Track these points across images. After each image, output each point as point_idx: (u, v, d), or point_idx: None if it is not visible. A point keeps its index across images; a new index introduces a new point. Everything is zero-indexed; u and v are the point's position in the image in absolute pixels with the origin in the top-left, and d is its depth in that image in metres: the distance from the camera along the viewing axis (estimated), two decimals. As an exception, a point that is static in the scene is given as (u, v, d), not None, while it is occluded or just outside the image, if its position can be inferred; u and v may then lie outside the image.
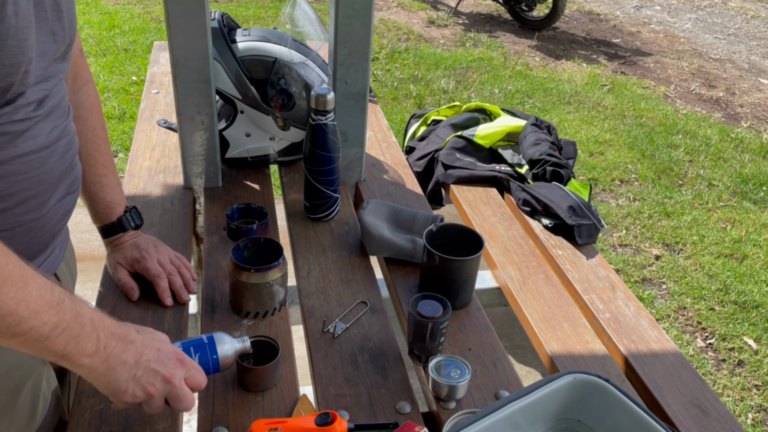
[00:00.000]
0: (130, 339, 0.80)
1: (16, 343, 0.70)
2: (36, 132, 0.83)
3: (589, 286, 1.43)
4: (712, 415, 1.11)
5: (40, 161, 0.84)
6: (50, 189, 0.88)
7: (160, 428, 0.91)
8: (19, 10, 0.73)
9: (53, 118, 0.87)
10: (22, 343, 0.70)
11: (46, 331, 0.71)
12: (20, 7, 0.73)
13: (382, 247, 1.28)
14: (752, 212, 3.27)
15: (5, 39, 0.72)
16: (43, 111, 0.84)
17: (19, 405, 0.90)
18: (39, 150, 0.84)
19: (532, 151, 1.83)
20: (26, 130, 0.81)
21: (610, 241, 2.98)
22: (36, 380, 0.93)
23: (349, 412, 0.96)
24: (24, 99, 0.80)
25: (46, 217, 0.88)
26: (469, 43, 5.45)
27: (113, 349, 0.78)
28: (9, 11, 0.71)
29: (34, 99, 0.82)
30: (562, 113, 4.22)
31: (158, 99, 1.93)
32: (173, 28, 1.27)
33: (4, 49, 0.72)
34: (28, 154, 0.82)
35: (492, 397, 1.03)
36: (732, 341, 2.44)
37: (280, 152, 1.55)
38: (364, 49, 1.41)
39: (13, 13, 0.72)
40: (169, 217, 1.38)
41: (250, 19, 5.44)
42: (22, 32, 0.74)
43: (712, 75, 5.19)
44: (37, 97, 0.82)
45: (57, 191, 0.90)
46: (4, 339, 0.70)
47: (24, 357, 0.88)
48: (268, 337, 1.01)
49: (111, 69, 4.26)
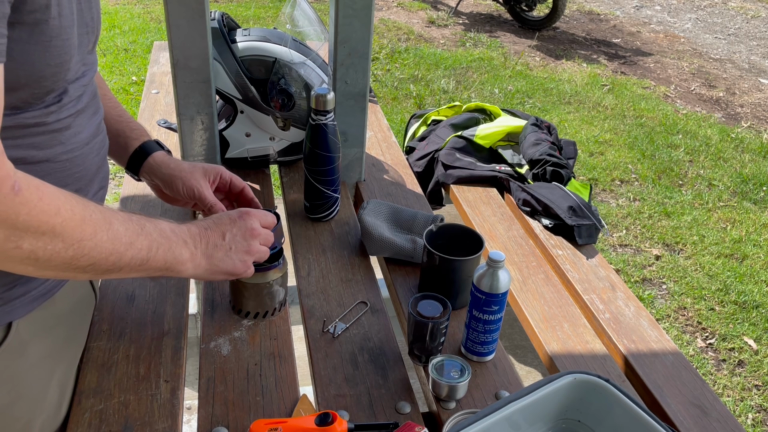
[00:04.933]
0: (205, 227, 0.91)
1: (124, 273, 0.80)
2: (78, 129, 0.86)
3: (589, 286, 1.43)
4: (712, 415, 1.11)
5: (82, 157, 0.87)
6: (89, 184, 0.91)
7: (160, 428, 0.91)
8: (63, 11, 0.74)
9: (89, 114, 0.89)
10: (129, 271, 0.80)
11: (144, 255, 0.80)
12: (63, 7, 0.74)
13: (382, 247, 1.28)
14: (752, 212, 3.27)
15: (49, 40, 0.73)
16: (82, 106, 0.86)
17: (49, 395, 0.92)
18: (81, 146, 0.87)
19: (532, 151, 1.83)
20: (70, 127, 0.84)
21: (610, 241, 2.98)
22: (64, 372, 0.95)
23: (349, 412, 0.96)
24: (68, 96, 0.82)
25: None
26: (469, 43, 5.45)
27: (200, 242, 0.88)
28: (53, 12, 0.72)
29: (75, 95, 0.84)
30: (562, 113, 4.22)
31: (158, 99, 1.93)
32: (173, 28, 1.27)
33: (50, 50, 0.74)
34: (73, 150, 0.85)
35: (492, 397, 1.03)
36: (732, 341, 2.44)
37: (280, 152, 1.55)
38: (364, 49, 1.41)
39: (57, 14, 0.73)
40: (169, 217, 1.37)
41: (250, 19, 5.44)
42: (65, 32, 0.75)
43: (712, 75, 5.19)
44: (77, 93, 0.85)
45: (93, 186, 0.92)
46: (115, 273, 0.79)
47: (55, 347, 0.93)
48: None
49: (111, 69, 4.26)
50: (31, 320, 0.88)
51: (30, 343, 0.88)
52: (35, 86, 0.76)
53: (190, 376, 1.34)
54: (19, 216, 0.67)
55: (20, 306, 0.85)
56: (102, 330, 1.07)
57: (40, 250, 0.70)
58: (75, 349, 1.00)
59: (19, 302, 0.85)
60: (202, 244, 0.89)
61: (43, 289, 0.88)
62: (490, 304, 1.02)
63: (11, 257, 0.69)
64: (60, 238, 0.71)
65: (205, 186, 1.10)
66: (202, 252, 0.89)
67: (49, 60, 0.75)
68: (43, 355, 0.91)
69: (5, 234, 0.66)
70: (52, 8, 0.72)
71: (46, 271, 0.74)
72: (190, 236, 0.88)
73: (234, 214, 0.95)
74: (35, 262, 0.71)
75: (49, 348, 0.92)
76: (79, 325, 1.03)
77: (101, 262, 0.76)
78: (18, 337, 0.86)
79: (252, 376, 1.01)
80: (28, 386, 0.89)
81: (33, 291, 0.87)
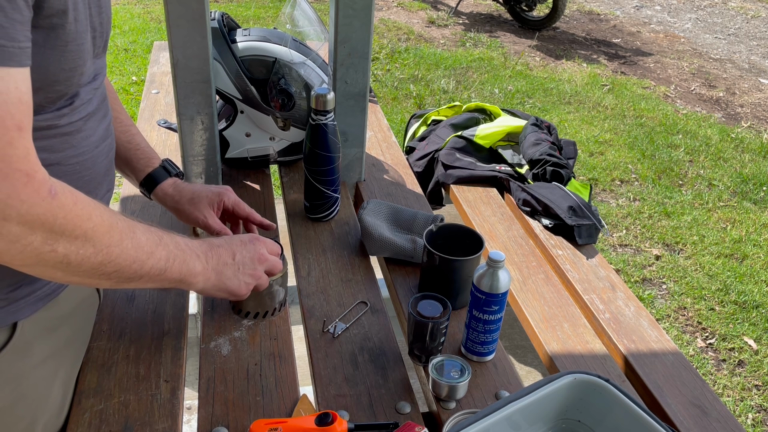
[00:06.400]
0: (216, 244, 0.94)
1: (143, 282, 0.82)
2: (89, 132, 0.87)
3: (589, 286, 1.43)
4: (712, 415, 1.11)
5: (92, 160, 0.88)
6: (98, 187, 0.92)
7: (160, 428, 0.91)
8: (78, 16, 0.75)
9: (99, 117, 0.90)
10: (147, 281, 0.82)
11: (162, 265, 0.83)
12: (79, 12, 0.75)
13: (382, 247, 1.28)
14: (752, 212, 3.27)
15: (65, 45, 0.74)
16: (92, 109, 0.87)
17: (52, 395, 0.92)
18: (92, 149, 0.88)
19: (533, 151, 1.83)
20: (81, 130, 0.85)
21: (610, 241, 2.98)
22: (68, 372, 0.96)
23: (349, 412, 0.96)
24: (79, 99, 0.83)
25: None
26: (469, 43, 5.45)
27: (212, 258, 0.92)
28: (70, 18, 0.73)
29: (86, 98, 0.85)
30: (562, 113, 4.22)
31: (158, 99, 1.93)
32: (173, 28, 1.27)
33: (65, 54, 0.75)
34: (84, 153, 0.86)
35: (492, 397, 1.03)
36: (732, 341, 2.44)
37: (280, 152, 1.55)
38: (364, 49, 1.41)
39: (73, 20, 0.74)
40: (169, 217, 1.37)
41: (250, 19, 5.44)
42: (80, 36, 0.76)
43: (712, 75, 5.19)
44: (88, 96, 0.86)
45: (101, 188, 0.93)
46: (135, 282, 0.81)
47: (59, 348, 0.93)
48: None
49: (111, 69, 4.26)
50: (35, 321, 0.88)
51: (34, 344, 0.89)
52: (49, 90, 0.76)
53: (190, 376, 1.34)
54: (56, 219, 0.68)
55: (25, 306, 0.85)
56: (102, 330, 1.07)
57: (73, 254, 0.72)
58: (78, 349, 1.01)
59: (24, 302, 0.85)
60: (213, 260, 0.92)
61: (48, 289, 0.89)
62: (490, 304, 1.02)
63: (45, 261, 0.70)
64: (91, 242, 0.73)
65: (209, 215, 1.15)
66: (212, 267, 0.92)
67: (63, 64, 0.75)
68: (47, 356, 0.91)
69: (43, 237, 0.68)
70: (69, 13, 0.72)
71: (74, 277, 0.75)
72: (202, 251, 0.91)
73: (245, 237, 0.99)
74: (67, 267, 0.72)
75: (53, 348, 0.92)
76: (83, 325, 1.03)
77: (125, 269, 0.78)
78: (23, 338, 0.86)
79: (252, 376, 1.01)
80: (32, 386, 0.89)
81: (38, 291, 0.87)
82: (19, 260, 0.69)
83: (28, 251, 0.68)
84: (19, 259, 0.69)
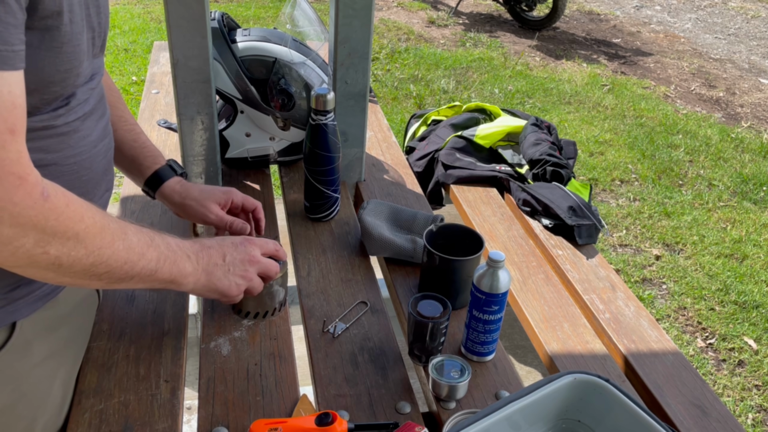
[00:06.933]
0: (207, 245, 0.94)
1: (134, 283, 0.83)
2: (86, 132, 0.87)
3: (589, 286, 1.43)
4: (712, 415, 1.11)
5: (90, 160, 0.88)
6: (96, 187, 0.92)
7: (160, 428, 0.91)
8: (74, 17, 0.75)
9: (96, 117, 0.90)
10: (138, 281, 0.83)
11: (153, 266, 0.83)
12: (74, 14, 0.75)
13: (382, 247, 1.28)
14: (752, 212, 3.27)
15: (60, 46, 0.74)
16: (89, 109, 0.87)
17: (52, 395, 0.92)
18: (89, 149, 0.88)
19: (533, 151, 1.83)
20: (78, 130, 0.85)
21: (610, 241, 2.98)
22: (68, 372, 0.96)
23: (349, 412, 0.96)
24: (76, 99, 0.83)
25: None
26: (469, 43, 5.45)
27: (202, 258, 0.92)
28: (65, 19, 0.73)
29: (83, 98, 0.85)
30: (562, 113, 4.22)
31: (158, 99, 1.93)
32: (173, 28, 1.27)
33: (60, 56, 0.75)
34: (81, 153, 0.86)
35: (492, 397, 1.03)
36: (732, 341, 2.44)
37: (280, 152, 1.55)
38: (364, 49, 1.41)
39: (69, 21, 0.74)
40: (169, 217, 1.37)
41: (250, 19, 5.44)
42: (76, 38, 0.76)
43: (712, 75, 5.19)
44: (85, 96, 0.86)
45: (100, 188, 0.93)
46: (125, 283, 0.82)
47: (58, 347, 0.93)
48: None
49: (111, 69, 4.26)
50: (34, 320, 0.88)
51: (34, 343, 0.89)
52: (44, 91, 0.76)
53: (190, 376, 1.34)
54: (48, 221, 0.69)
55: (24, 306, 0.85)
56: (102, 330, 1.07)
57: (65, 255, 0.72)
58: (78, 349, 1.01)
59: (22, 302, 0.85)
60: (203, 261, 0.92)
61: (47, 289, 0.89)
62: (490, 304, 1.02)
63: (37, 262, 0.71)
64: (83, 244, 0.73)
65: (217, 211, 1.15)
66: (203, 268, 0.92)
67: (59, 66, 0.75)
68: (47, 355, 0.91)
69: (35, 239, 0.68)
70: (64, 15, 0.72)
71: (66, 278, 0.75)
72: (193, 252, 0.91)
73: (237, 239, 0.99)
74: (58, 268, 0.73)
75: (53, 348, 0.92)
76: (83, 325, 1.03)
77: (116, 270, 0.79)
78: (22, 337, 0.86)
79: (252, 376, 1.01)
80: (32, 386, 0.89)
81: (37, 291, 0.87)
82: (11, 262, 0.70)
83: (20, 253, 0.68)
84: (11, 260, 0.69)
